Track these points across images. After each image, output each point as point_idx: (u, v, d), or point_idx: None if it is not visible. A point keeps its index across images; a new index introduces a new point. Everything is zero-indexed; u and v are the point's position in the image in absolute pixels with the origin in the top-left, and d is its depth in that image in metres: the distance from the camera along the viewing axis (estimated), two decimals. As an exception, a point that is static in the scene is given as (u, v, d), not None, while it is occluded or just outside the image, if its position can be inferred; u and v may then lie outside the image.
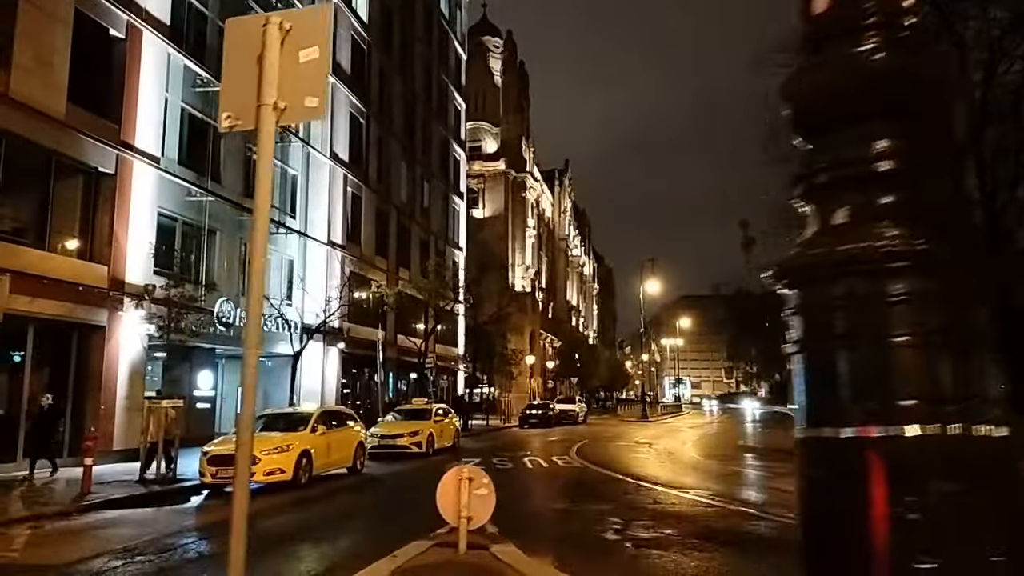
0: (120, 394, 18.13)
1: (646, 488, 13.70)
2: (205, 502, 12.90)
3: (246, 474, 3.29)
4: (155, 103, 19.57)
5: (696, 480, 15.55)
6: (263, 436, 14.33)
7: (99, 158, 17.72)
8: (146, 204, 19.15)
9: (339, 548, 8.72)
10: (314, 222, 28.90)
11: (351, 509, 12.38)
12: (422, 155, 41.38)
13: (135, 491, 13.10)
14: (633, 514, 10.40)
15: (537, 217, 73.12)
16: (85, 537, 9.31)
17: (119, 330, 18.14)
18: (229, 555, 3.02)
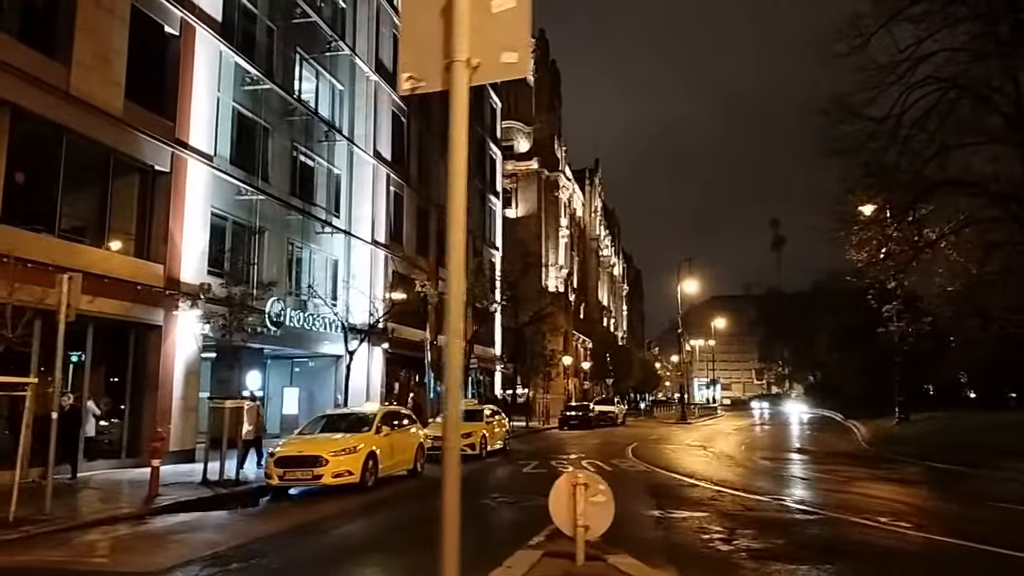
0: (176, 394, 17.94)
1: (727, 493, 13.14)
2: (275, 505, 12.57)
3: (455, 460, 2.86)
4: (207, 101, 19.38)
5: (772, 485, 14.96)
6: (328, 437, 14.02)
7: (155, 156, 17.55)
8: (200, 203, 18.97)
9: (433, 558, 8.27)
10: (358, 221, 28.64)
11: (426, 514, 11.82)
12: (460, 154, 41.01)
13: (202, 493, 12.82)
14: (731, 522, 9.85)
15: (569, 217, 72.55)
16: (169, 542, 9.00)
17: (175, 330, 17.96)
18: (442, 542, 2.66)
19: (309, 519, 10.53)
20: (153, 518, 10.84)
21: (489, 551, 8.06)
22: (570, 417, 40.00)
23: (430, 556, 8.16)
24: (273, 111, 23.74)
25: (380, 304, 28.51)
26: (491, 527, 9.66)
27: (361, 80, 29.14)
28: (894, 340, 31.43)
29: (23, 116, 14.14)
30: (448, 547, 2.84)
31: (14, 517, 9.61)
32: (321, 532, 9.71)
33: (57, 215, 15.00)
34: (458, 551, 2.85)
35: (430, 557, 8.05)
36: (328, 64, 27.36)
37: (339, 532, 9.93)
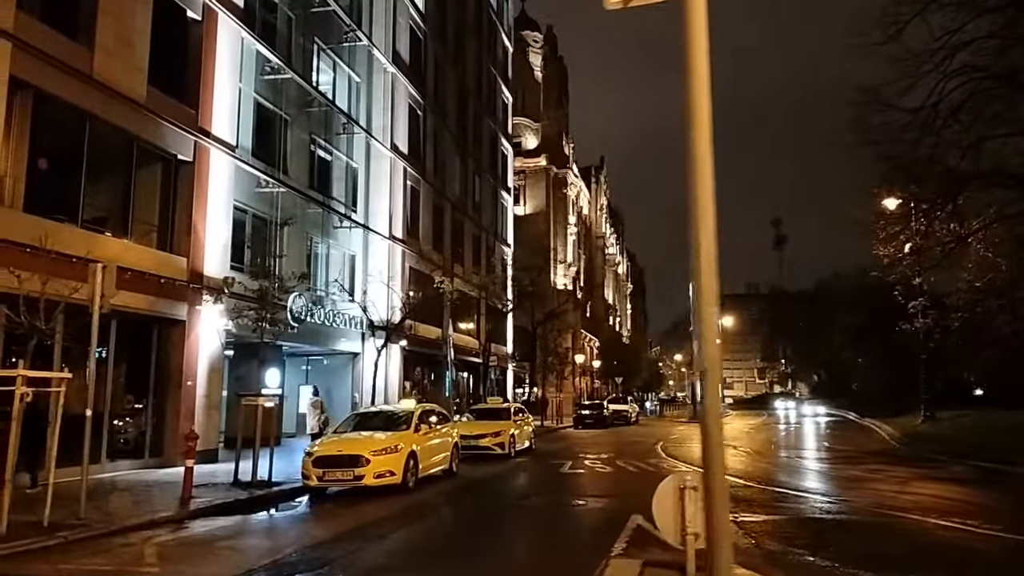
0: (199, 392, 17.31)
1: (788, 494, 12.57)
2: (316, 507, 11.90)
3: (721, 463, 2.28)
4: (229, 89, 18.74)
5: (829, 486, 14.38)
6: (367, 436, 13.40)
7: (178, 145, 16.92)
8: (222, 194, 18.34)
9: (511, 567, 7.66)
10: (375, 216, 28.00)
11: (478, 517, 11.23)
12: (474, 149, 40.45)
13: (236, 495, 12.18)
14: (817, 525, 9.26)
15: (576, 214, 71.94)
16: (218, 549, 8.37)
17: (198, 325, 17.34)
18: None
19: (359, 522, 9.90)
20: (192, 522, 10.22)
21: (568, 559, 7.48)
22: (585, 416, 39.42)
23: (503, 563, 7.48)
24: (292, 102, 23.12)
25: (398, 300, 27.95)
26: (559, 532, 9.05)
27: (379, 72, 28.51)
28: (919, 337, 30.89)
29: (46, 100, 13.53)
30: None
31: (48, 522, 9.02)
32: (377, 537, 9.08)
33: (80, 205, 14.37)
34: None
35: (505, 564, 7.36)
36: (345, 55, 26.74)
37: (397, 537, 9.29)
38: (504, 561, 7.86)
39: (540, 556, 7.81)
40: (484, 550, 8.22)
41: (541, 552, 7.96)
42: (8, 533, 8.45)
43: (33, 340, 9.56)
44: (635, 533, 8.55)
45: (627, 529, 8.75)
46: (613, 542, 7.94)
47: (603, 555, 7.21)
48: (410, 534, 9.35)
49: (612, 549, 7.61)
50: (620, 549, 7.54)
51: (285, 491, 12.98)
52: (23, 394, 8.96)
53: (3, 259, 12.29)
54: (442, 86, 35.44)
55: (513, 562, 7.89)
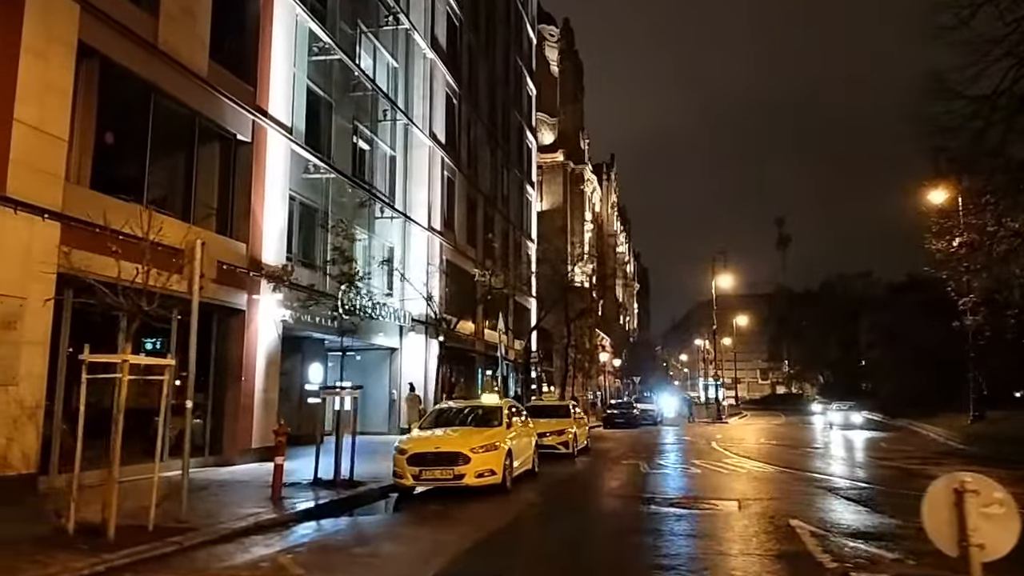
0: (258, 386, 16.36)
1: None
2: (418, 507, 10.89)
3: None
4: (284, 67, 17.79)
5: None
6: (458, 433, 12.47)
7: (237, 123, 15.98)
8: (279, 177, 17.40)
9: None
10: (414, 207, 27.06)
11: (618, 524, 9.69)
12: (503, 141, 39.54)
13: (327, 494, 11.21)
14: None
15: (591, 212, 71.09)
16: (357, 557, 7.42)
17: (257, 315, 16.38)
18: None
19: (484, 528, 8.85)
20: (297, 525, 9.29)
21: (783, 570, 6.53)
22: (615, 415, 38.53)
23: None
24: (337, 85, 22.18)
25: (436, 293, 27.07)
26: (724, 539, 8.10)
27: (418, 58, 27.58)
28: (968, 335, 30.12)
29: (112, 70, 12.58)
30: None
31: (153, 525, 8.09)
32: (524, 548, 8.11)
33: (145, 183, 13.41)
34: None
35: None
36: (385, 40, 25.80)
37: (548, 547, 8.26)
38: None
39: (749, 567, 6.79)
40: (669, 563, 7.23)
41: (741, 565, 6.92)
42: (117, 538, 7.52)
43: (136, 324, 8.58)
44: (817, 541, 7.68)
45: (801, 537, 7.87)
46: (802, 552, 7.07)
47: (815, 569, 6.34)
48: (558, 545, 8.25)
49: (818, 559, 6.73)
50: (830, 562, 6.64)
51: (373, 491, 12.04)
52: (127, 382, 8.06)
53: (73, 238, 11.41)
54: (475, 75, 34.54)
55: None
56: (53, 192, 11.11)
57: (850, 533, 8.14)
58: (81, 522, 7.87)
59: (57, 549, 7.17)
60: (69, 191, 11.43)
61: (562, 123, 64.50)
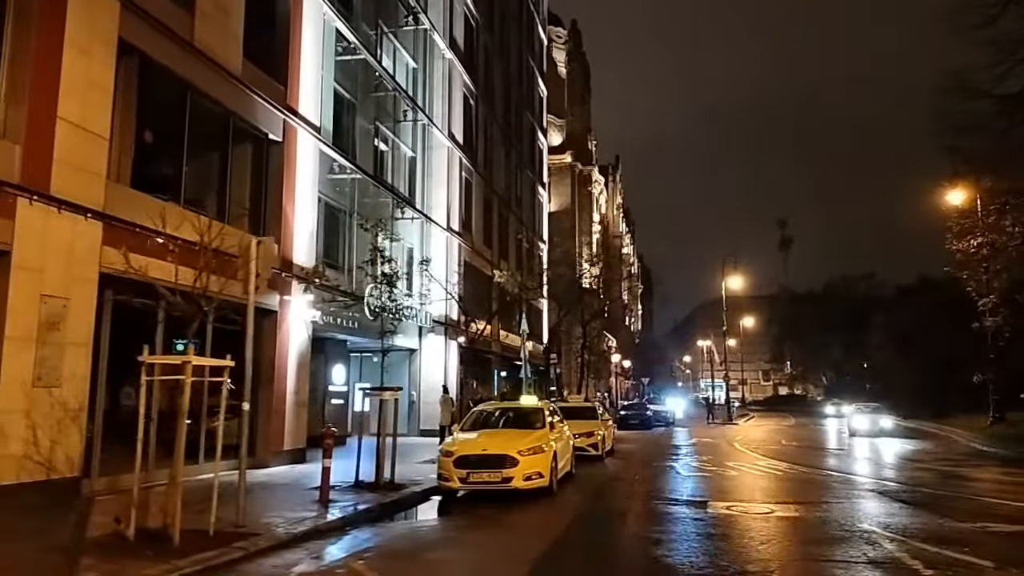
0: (289, 387, 16.20)
1: (979, 500, 11.53)
2: (468, 511, 10.67)
3: None
4: (313, 66, 17.63)
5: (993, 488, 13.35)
6: (501, 435, 12.30)
7: (269, 123, 15.81)
8: (309, 177, 17.23)
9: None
10: (433, 208, 26.89)
11: (693, 529, 8.96)
12: (516, 142, 39.40)
13: (374, 498, 11.02)
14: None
15: (599, 213, 70.96)
16: (435, 564, 7.23)
17: (288, 316, 16.22)
18: None
19: (552, 534, 8.59)
20: (355, 529, 9.12)
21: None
22: (628, 417, 38.30)
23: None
24: (360, 85, 22.08)
25: (456, 294, 26.92)
26: (819, 542, 7.91)
27: (437, 58, 27.43)
28: (987, 336, 29.96)
29: (150, 68, 12.42)
30: None
31: (214, 530, 7.92)
32: (618, 555, 7.87)
33: (182, 183, 13.25)
34: None
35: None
36: (405, 40, 25.67)
37: (652, 554, 7.89)
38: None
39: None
40: (765, 569, 6.96)
41: (842, 574, 6.63)
42: (182, 544, 7.34)
43: (195, 325, 8.43)
44: (898, 546, 7.51)
45: (880, 542, 7.71)
46: (892, 558, 6.90)
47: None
48: (637, 552, 7.83)
49: (912, 567, 6.56)
50: (924, 569, 6.47)
51: (417, 493, 11.88)
52: (189, 384, 7.90)
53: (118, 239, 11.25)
54: (490, 76, 34.40)
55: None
56: (95, 191, 10.95)
57: (926, 538, 7.97)
58: (141, 527, 7.69)
59: (123, 556, 7.00)
60: (110, 190, 11.26)
61: (570, 124, 64.37)
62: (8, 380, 9.56)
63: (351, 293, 19.49)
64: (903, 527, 8.76)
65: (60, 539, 8.11)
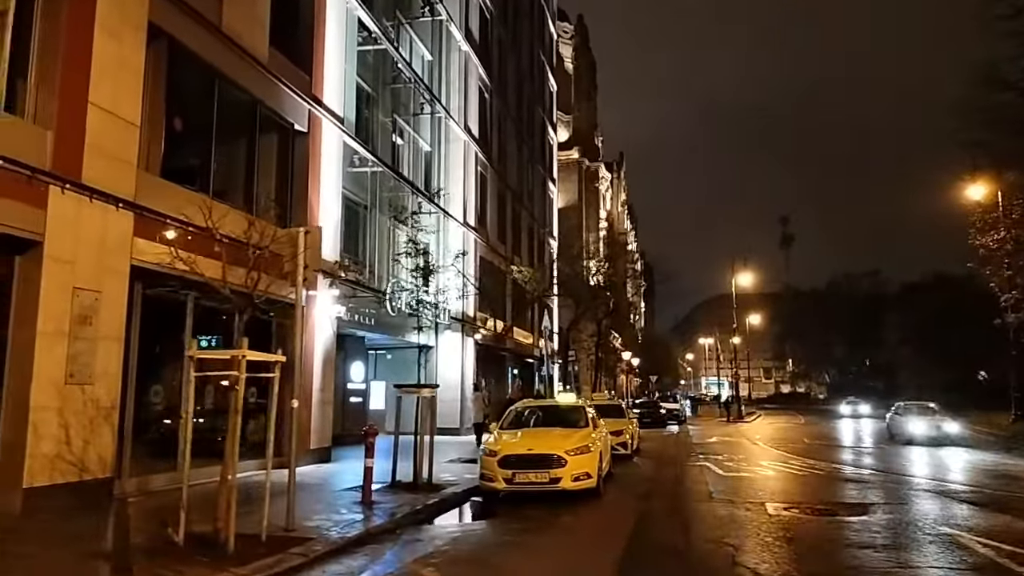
0: (315, 385, 15.76)
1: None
2: (515, 512, 10.17)
3: None
4: (336, 55, 17.18)
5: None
6: (544, 434, 11.87)
7: (295, 113, 15.37)
8: (333, 170, 16.79)
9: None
10: (449, 202, 26.43)
11: (747, 531, 8.63)
12: (528, 137, 38.95)
13: (417, 499, 10.60)
14: None
15: (605, 210, 70.54)
16: (503, 571, 6.81)
17: (314, 311, 15.78)
18: None
19: (618, 540, 8.16)
20: (406, 532, 8.69)
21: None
22: (642, 415, 37.81)
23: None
24: (379, 78, 21.66)
25: (472, 289, 26.51)
26: (891, 550, 7.50)
27: (453, 50, 26.98)
28: (1009, 333, 29.62)
29: (178, 53, 11.96)
30: None
31: (266, 535, 7.50)
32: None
33: (211, 173, 12.81)
34: None
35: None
36: (421, 31, 25.21)
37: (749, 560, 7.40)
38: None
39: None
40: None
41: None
42: (237, 551, 6.91)
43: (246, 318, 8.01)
44: (995, 552, 7.10)
45: (974, 548, 7.30)
46: (997, 565, 6.50)
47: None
48: (720, 559, 7.46)
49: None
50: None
51: (458, 494, 11.47)
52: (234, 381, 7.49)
53: (147, 230, 10.84)
54: (504, 70, 33.95)
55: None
56: (127, 180, 10.51)
57: (1017, 541, 7.56)
58: (190, 532, 7.27)
59: (176, 563, 6.58)
60: (141, 179, 10.83)
61: (576, 120, 63.98)
62: (41, 376, 9.12)
63: (374, 288, 19.08)
64: (987, 529, 8.36)
65: (103, 545, 7.76)
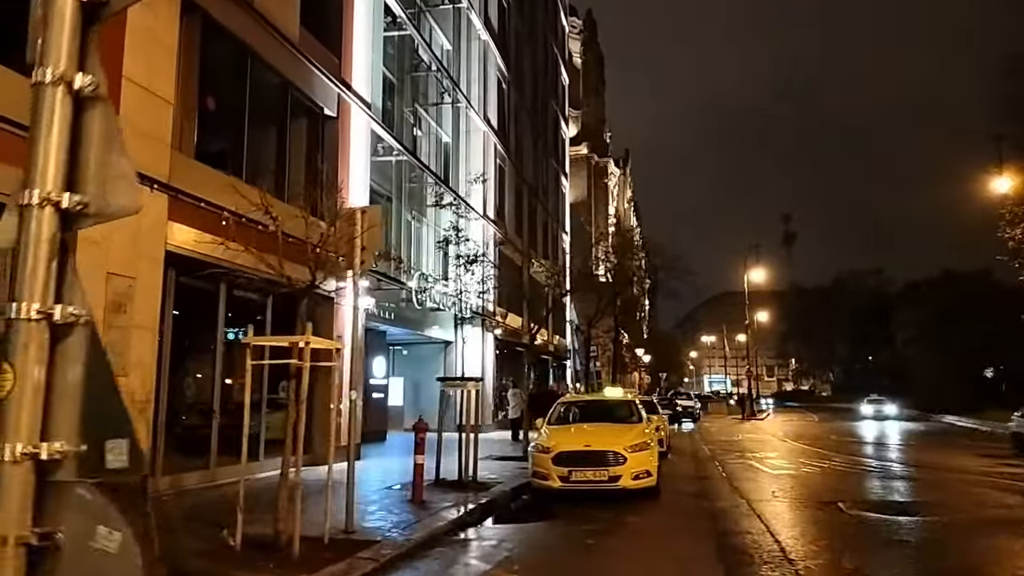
0: (345, 380, 15.14)
1: None
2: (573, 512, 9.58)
3: None
4: (365, 39, 16.60)
5: None
6: (603, 427, 11.31)
7: (324, 96, 14.79)
8: (362, 156, 16.23)
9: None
10: (470, 194, 25.84)
11: (848, 531, 8.26)
12: (542, 131, 38.38)
13: (464, 498, 10.03)
14: None
15: (613, 206, 70.01)
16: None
17: (344, 303, 15.19)
18: None
19: (705, 545, 7.67)
20: (470, 535, 8.14)
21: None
22: (660, 412, 37.38)
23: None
24: (401, 66, 21.09)
25: (492, 284, 25.93)
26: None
27: (473, 39, 26.39)
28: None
29: (212, 29, 11.38)
30: None
31: (328, 539, 6.93)
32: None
33: (244, 157, 12.25)
34: None
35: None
36: (441, 19, 24.63)
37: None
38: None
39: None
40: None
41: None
42: (302, 557, 6.34)
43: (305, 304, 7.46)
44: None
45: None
46: None
47: None
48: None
49: None
50: None
51: (506, 492, 10.90)
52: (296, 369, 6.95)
53: (181, 214, 10.28)
54: (520, 61, 33.37)
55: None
56: (161, 160, 9.94)
57: None
58: (245, 534, 6.69)
59: (241, 569, 6.01)
60: (175, 160, 10.25)
61: (585, 115, 63.41)
62: (75, 367, 8.54)
63: (400, 281, 18.53)
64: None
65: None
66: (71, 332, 1.54)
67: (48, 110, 1.58)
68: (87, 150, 1.65)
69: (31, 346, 1.47)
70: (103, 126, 1.67)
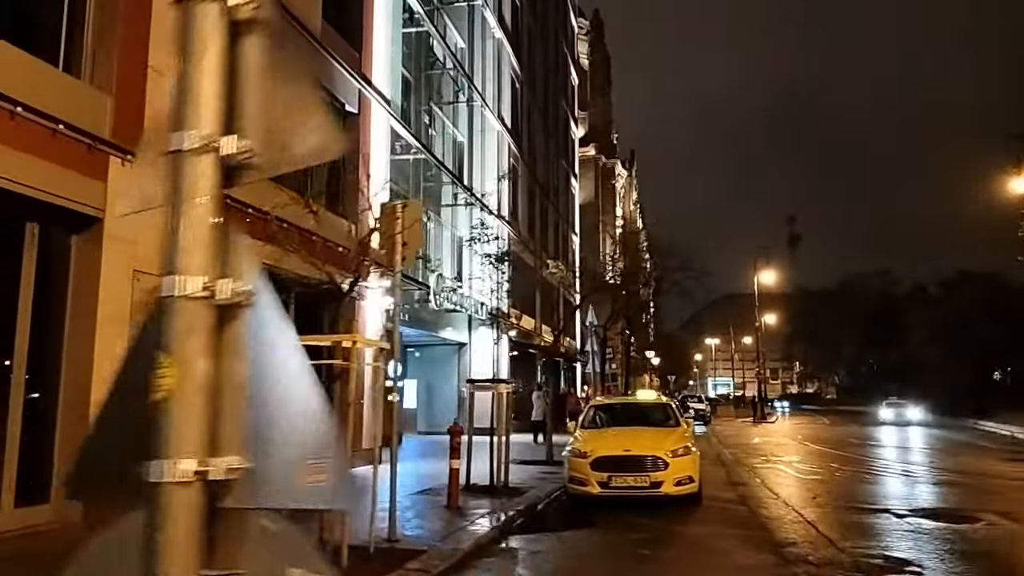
0: (366, 381, 14.81)
1: None
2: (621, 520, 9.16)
3: None
4: (384, 34, 16.32)
5: None
6: (640, 431, 10.94)
7: (345, 92, 14.49)
8: (382, 155, 15.93)
9: None
10: (484, 193, 25.50)
11: (921, 544, 7.86)
12: (553, 131, 38.05)
13: (500, 504, 9.69)
14: None
15: (620, 208, 69.63)
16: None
17: (365, 303, 14.87)
18: None
19: (769, 555, 7.30)
20: (515, 543, 7.78)
21: None
22: (672, 415, 37.00)
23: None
24: (417, 63, 20.77)
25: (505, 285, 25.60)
26: None
27: (487, 37, 26.08)
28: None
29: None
30: None
31: (374, 548, 6.60)
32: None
33: (267, 152, 11.89)
34: None
35: None
36: (456, 16, 24.32)
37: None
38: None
39: None
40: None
41: None
42: (349, 568, 6.00)
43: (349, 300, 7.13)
44: None
45: None
46: None
47: None
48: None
49: None
50: None
51: (541, 498, 10.55)
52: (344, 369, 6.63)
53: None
54: (533, 60, 33.04)
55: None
56: (187, 155, 9.59)
57: None
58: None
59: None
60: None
61: (592, 116, 63.03)
62: (102, 369, 8.20)
63: (419, 280, 18.20)
64: None
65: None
66: (237, 315, 1.20)
67: (200, 32, 1.25)
68: (246, 86, 1.31)
69: (195, 332, 1.14)
70: (268, 56, 1.33)
